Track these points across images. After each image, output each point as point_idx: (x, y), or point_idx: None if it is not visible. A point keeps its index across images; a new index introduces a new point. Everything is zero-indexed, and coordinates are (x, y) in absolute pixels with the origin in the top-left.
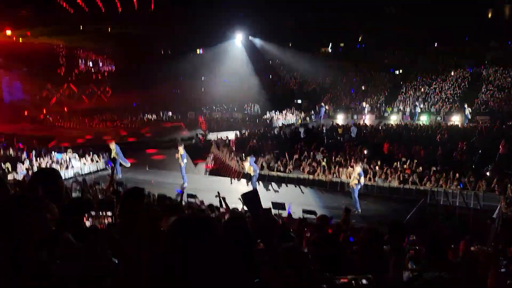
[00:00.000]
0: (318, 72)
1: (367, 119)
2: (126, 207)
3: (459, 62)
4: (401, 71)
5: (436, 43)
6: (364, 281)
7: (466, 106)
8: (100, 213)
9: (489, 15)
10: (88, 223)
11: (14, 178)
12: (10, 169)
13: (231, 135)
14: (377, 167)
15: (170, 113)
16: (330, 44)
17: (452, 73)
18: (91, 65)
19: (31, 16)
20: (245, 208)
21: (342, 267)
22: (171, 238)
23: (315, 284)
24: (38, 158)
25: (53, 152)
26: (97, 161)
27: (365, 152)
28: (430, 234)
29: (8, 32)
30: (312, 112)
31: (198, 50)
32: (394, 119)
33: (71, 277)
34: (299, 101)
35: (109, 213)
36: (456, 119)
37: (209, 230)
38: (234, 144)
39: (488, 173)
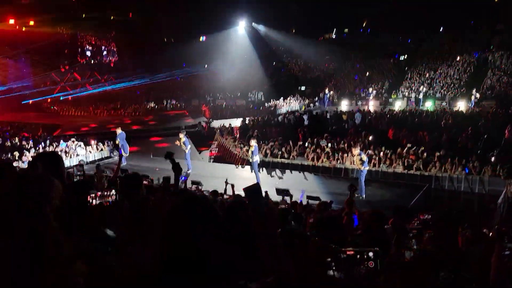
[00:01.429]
0: (322, 58)
1: (372, 105)
2: (125, 192)
3: (465, 47)
4: (406, 56)
5: (441, 28)
6: (370, 254)
7: (474, 91)
8: (106, 192)
9: None
10: (95, 202)
11: (18, 166)
12: (17, 158)
13: (235, 122)
14: (381, 153)
15: (174, 101)
16: (334, 30)
17: (458, 58)
18: (94, 53)
19: (33, 4)
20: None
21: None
22: (170, 217)
23: (319, 257)
24: (43, 147)
25: (61, 141)
26: (101, 149)
27: (370, 138)
28: (437, 216)
29: (11, 21)
30: (316, 98)
31: (201, 37)
32: (399, 105)
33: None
34: (303, 88)
35: (113, 192)
36: (461, 105)
37: (207, 209)
38: (238, 131)
39: (493, 159)
